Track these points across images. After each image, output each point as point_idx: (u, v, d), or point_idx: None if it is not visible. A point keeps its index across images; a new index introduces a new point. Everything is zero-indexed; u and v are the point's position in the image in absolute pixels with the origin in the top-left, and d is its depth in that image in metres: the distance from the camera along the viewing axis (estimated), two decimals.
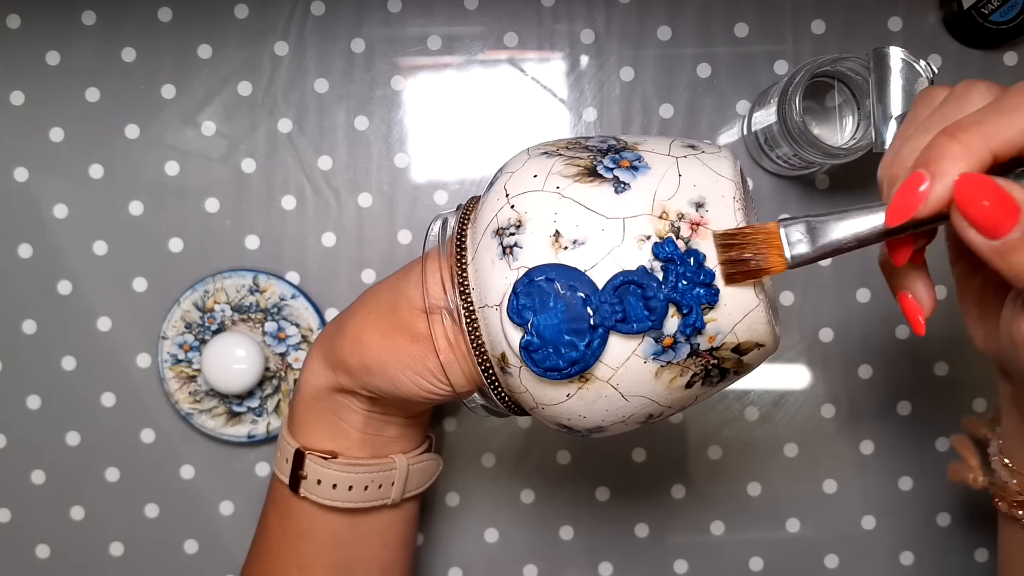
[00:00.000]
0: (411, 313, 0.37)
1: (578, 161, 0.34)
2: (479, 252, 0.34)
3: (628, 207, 0.32)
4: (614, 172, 0.33)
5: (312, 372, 0.41)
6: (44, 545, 0.55)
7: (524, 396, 0.35)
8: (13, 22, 0.53)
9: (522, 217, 0.33)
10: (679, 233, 0.31)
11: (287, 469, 0.41)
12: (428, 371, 0.37)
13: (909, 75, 0.44)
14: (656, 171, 0.33)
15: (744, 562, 0.54)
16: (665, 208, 0.32)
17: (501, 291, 0.33)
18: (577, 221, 0.32)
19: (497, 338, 0.33)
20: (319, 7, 0.53)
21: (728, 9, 0.53)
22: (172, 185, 0.54)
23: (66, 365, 0.54)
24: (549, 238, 0.32)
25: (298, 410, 0.42)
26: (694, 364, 0.33)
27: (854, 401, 0.54)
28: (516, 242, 0.32)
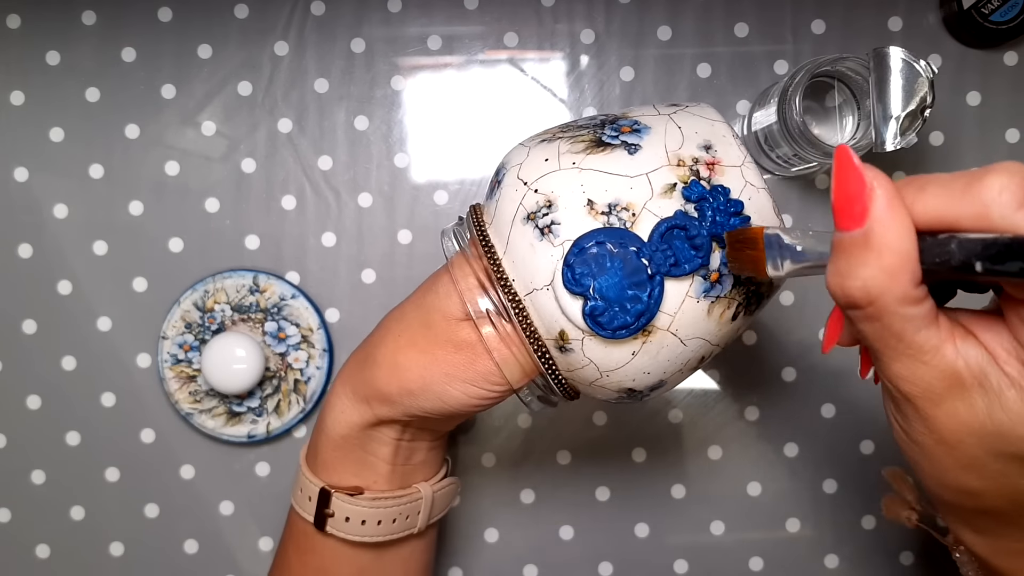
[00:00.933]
0: (448, 324, 0.36)
1: (581, 137, 0.35)
2: (512, 242, 0.34)
3: (646, 163, 0.33)
4: (620, 138, 0.34)
5: (341, 411, 0.39)
6: (44, 545, 0.55)
7: (585, 370, 0.35)
8: (13, 22, 0.53)
9: (550, 197, 0.34)
10: (699, 175, 0.33)
11: (311, 507, 0.40)
12: (479, 376, 0.36)
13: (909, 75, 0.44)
14: (657, 129, 0.34)
15: (744, 562, 0.54)
16: (680, 156, 0.34)
17: (549, 270, 0.33)
18: (605, 186, 0.33)
19: (552, 317, 0.34)
20: (319, 7, 0.53)
21: (728, 9, 0.53)
22: (172, 185, 0.54)
23: (66, 365, 0.54)
24: (584, 208, 0.33)
25: (322, 448, 0.40)
26: (738, 294, 0.34)
27: (854, 401, 0.54)
28: (552, 220, 0.33)
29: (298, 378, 0.53)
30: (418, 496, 0.41)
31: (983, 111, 0.53)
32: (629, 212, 0.33)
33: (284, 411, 0.53)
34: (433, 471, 0.43)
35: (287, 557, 0.43)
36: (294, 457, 0.54)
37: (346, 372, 0.40)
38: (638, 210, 0.33)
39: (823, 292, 0.54)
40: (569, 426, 0.54)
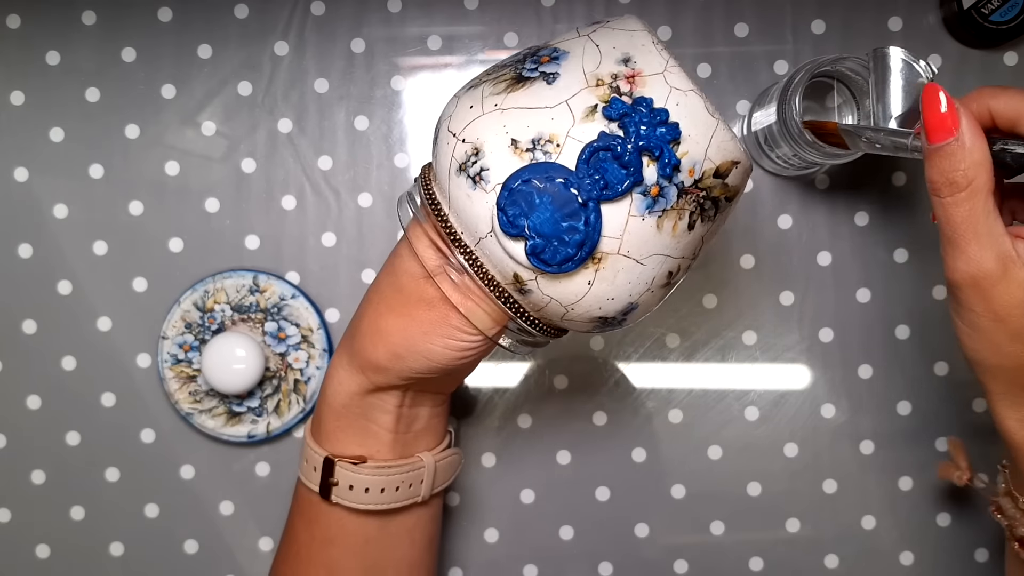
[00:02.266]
0: (416, 284, 0.37)
1: (502, 77, 0.35)
2: (451, 195, 0.35)
3: (565, 90, 0.33)
4: (539, 70, 0.34)
5: (339, 382, 0.40)
6: (44, 545, 0.55)
7: (551, 307, 0.35)
8: (13, 22, 0.53)
9: (476, 144, 0.34)
10: (620, 91, 0.33)
11: (316, 477, 0.41)
12: (453, 328, 0.37)
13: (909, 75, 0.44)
14: (575, 52, 0.34)
15: (744, 562, 0.54)
16: (598, 76, 0.33)
17: (487, 216, 0.33)
18: (527, 122, 0.33)
19: (503, 262, 0.34)
20: (319, 7, 0.53)
21: (728, 9, 0.53)
22: (172, 185, 0.54)
23: (66, 365, 0.54)
24: (508, 149, 0.33)
25: (325, 419, 0.41)
26: (687, 203, 0.34)
27: (854, 401, 0.54)
28: (480, 167, 0.33)
29: (298, 378, 0.53)
30: (420, 465, 0.42)
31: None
32: (553, 144, 0.33)
33: (284, 411, 0.53)
34: (436, 441, 0.43)
35: (294, 528, 0.43)
36: (294, 457, 0.54)
37: (341, 346, 0.41)
38: (562, 140, 0.33)
39: (823, 292, 0.54)
40: (569, 426, 0.54)
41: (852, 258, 0.53)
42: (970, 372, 0.38)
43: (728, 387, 0.54)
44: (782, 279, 0.54)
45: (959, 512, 0.54)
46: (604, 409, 0.54)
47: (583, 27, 0.36)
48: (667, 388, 0.54)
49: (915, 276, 0.53)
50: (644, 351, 0.54)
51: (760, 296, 0.54)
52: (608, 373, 0.54)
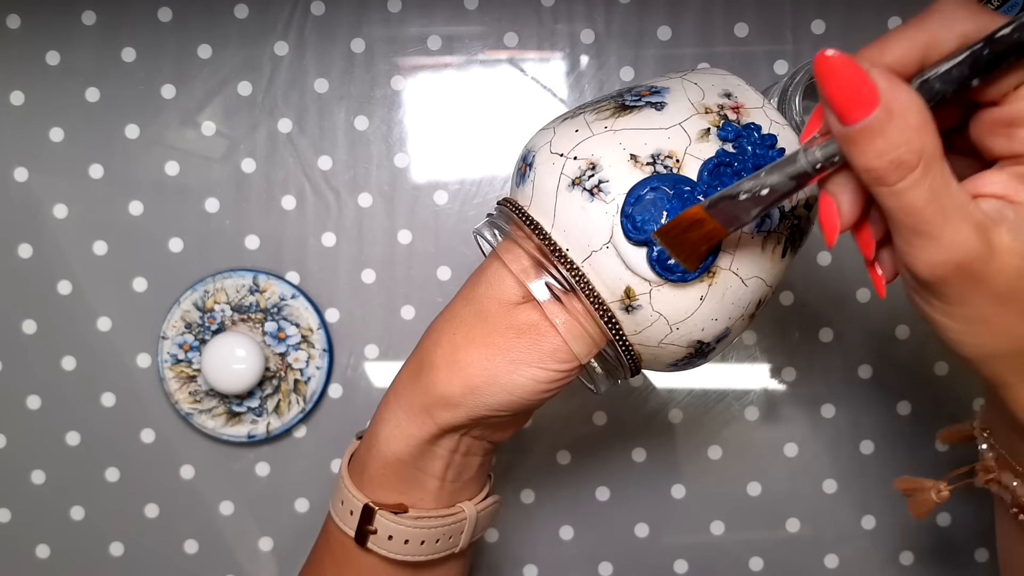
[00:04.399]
0: (505, 311, 0.35)
1: (604, 107, 0.36)
2: (560, 212, 0.34)
3: (676, 115, 0.34)
4: (643, 100, 0.35)
5: (396, 426, 0.37)
6: (44, 545, 0.55)
7: (654, 327, 0.34)
8: (13, 22, 0.53)
9: (591, 160, 0.34)
10: (728, 118, 0.34)
11: (353, 522, 0.38)
12: (546, 355, 0.34)
13: None
14: (675, 88, 0.35)
15: (744, 562, 0.54)
16: (705, 105, 0.35)
17: (607, 227, 0.33)
18: (643, 140, 0.34)
19: (615, 276, 0.34)
20: (319, 7, 0.53)
21: (728, 9, 0.53)
22: (172, 185, 0.54)
23: (66, 365, 0.54)
24: (628, 162, 0.33)
25: (371, 465, 0.39)
26: (785, 228, 0.35)
27: (854, 401, 0.54)
28: (599, 179, 0.34)
29: (298, 378, 0.53)
30: (462, 517, 0.39)
31: None
32: (672, 159, 0.33)
33: (284, 411, 0.53)
34: (477, 490, 0.41)
35: (322, 567, 0.41)
36: (294, 457, 0.54)
37: (399, 385, 0.38)
38: (681, 156, 0.33)
39: (823, 292, 0.54)
40: (569, 426, 0.54)
41: (852, 258, 0.54)
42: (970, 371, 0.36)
43: (728, 387, 0.54)
44: (782, 279, 0.54)
45: (959, 512, 0.54)
46: (604, 409, 0.54)
47: (670, 73, 0.38)
48: (667, 388, 0.54)
49: None
50: None
51: None
52: None
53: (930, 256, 0.27)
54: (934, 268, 0.27)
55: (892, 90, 0.25)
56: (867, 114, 0.25)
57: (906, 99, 0.25)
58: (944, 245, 0.26)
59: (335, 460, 0.54)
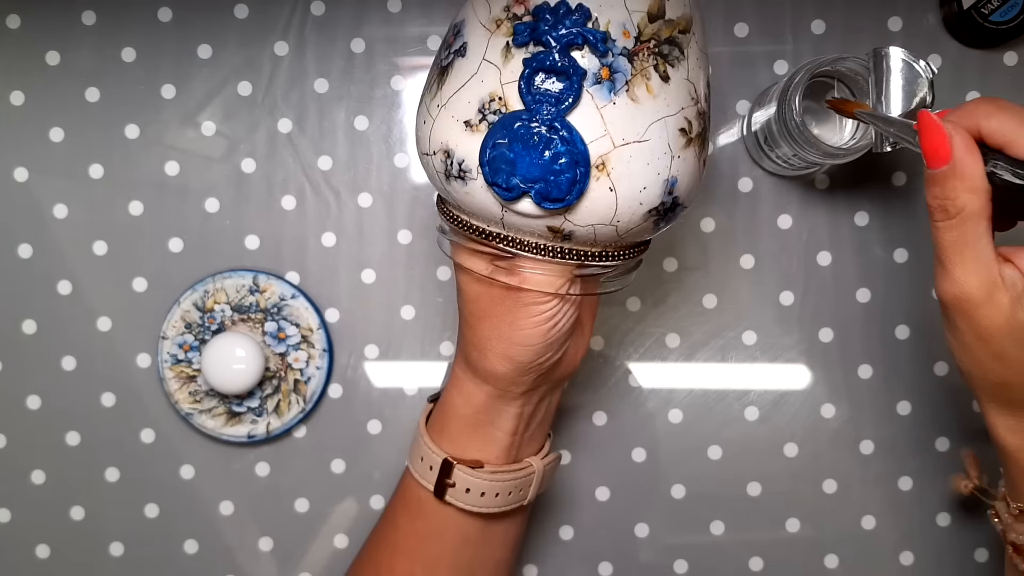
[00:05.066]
0: (483, 290, 0.39)
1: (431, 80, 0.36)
2: (459, 202, 0.36)
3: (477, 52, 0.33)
4: (451, 51, 0.35)
5: (469, 394, 0.42)
6: (44, 545, 0.55)
7: (601, 233, 0.35)
8: (13, 22, 0.53)
9: (443, 148, 0.35)
10: (519, 16, 0.33)
11: (432, 476, 0.42)
12: (530, 305, 0.38)
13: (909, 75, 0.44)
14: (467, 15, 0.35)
15: (744, 562, 0.54)
16: (494, 19, 0.33)
17: (492, 198, 0.34)
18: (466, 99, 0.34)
19: (530, 225, 0.35)
20: (319, 7, 0.53)
21: (728, 9, 0.53)
22: (172, 185, 0.54)
23: (66, 365, 0.54)
24: (465, 132, 0.34)
25: (450, 423, 0.43)
26: (643, 61, 0.33)
27: (854, 401, 0.54)
28: (458, 164, 0.34)
29: (298, 378, 0.53)
30: (531, 471, 0.43)
31: None
32: (496, 100, 0.33)
33: (284, 411, 0.53)
34: (540, 445, 0.45)
35: (396, 520, 0.45)
36: (294, 457, 0.54)
37: (459, 360, 0.43)
38: (500, 92, 0.33)
39: (823, 292, 0.54)
40: (569, 426, 0.54)
41: (852, 258, 0.53)
42: None
43: (728, 387, 0.54)
44: (782, 279, 0.54)
45: (959, 512, 0.54)
46: (604, 409, 0.54)
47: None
48: (667, 388, 0.54)
49: (915, 276, 0.53)
50: (644, 351, 0.54)
51: (760, 296, 0.54)
52: (608, 373, 0.54)
53: (942, 283, 0.35)
54: (941, 293, 0.36)
55: (963, 158, 0.33)
56: (939, 166, 0.34)
57: (970, 170, 0.33)
58: (951, 279, 0.35)
59: (335, 460, 0.54)
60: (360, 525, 0.54)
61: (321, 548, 0.55)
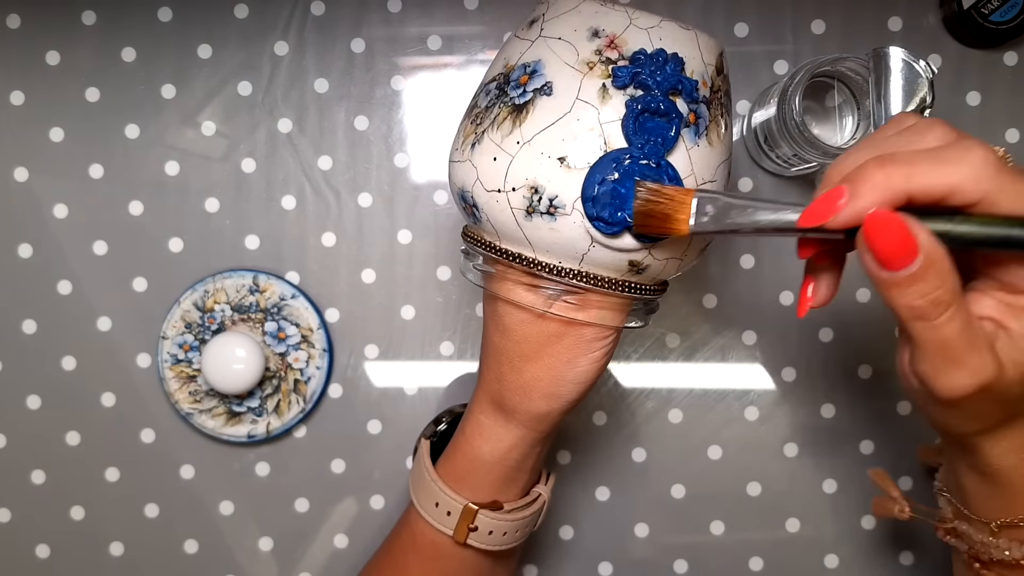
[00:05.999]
0: (535, 327, 0.38)
1: (499, 117, 0.35)
2: (532, 239, 0.35)
3: (568, 91, 0.34)
4: (528, 89, 0.35)
5: (498, 439, 0.41)
6: (44, 545, 0.55)
7: (668, 265, 0.36)
8: (13, 22, 0.53)
9: (530, 184, 0.34)
10: (612, 60, 0.34)
11: (451, 522, 0.41)
12: (591, 340, 0.38)
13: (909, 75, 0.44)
14: (548, 59, 0.35)
15: (744, 562, 0.54)
16: (585, 61, 0.34)
17: (583, 234, 0.34)
18: (560, 136, 0.34)
19: (614, 260, 0.35)
20: (319, 7, 0.53)
21: (728, 9, 0.53)
22: (172, 185, 0.54)
23: (66, 365, 0.54)
24: (561, 169, 0.34)
25: (473, 471, 0.41)
26: (716, 110, 0.36)
27: (854, 401, 0.54)
28: (548, 199, 0.34)
29: (298, 378, 0.53)
30: (542, 501, 0.43)
31: (983, 111, 0.53)
32: (588, 139, 0.34)
33: (284, 411, 0.53)
34: (540, 471, 0.45)
35: (406, 565, 0.43)
36: (294, 457, 0.54)
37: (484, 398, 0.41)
38: (600, 130, 0.33)
39: None
40: (569, 426, 0.54)
41: (852, 258, 0.53)
42: None
43: (728, 387, 0.54)
44: (782, 279, 0.54)
45: None
46: (604, 409, 0.54)
47: (521, 32, 0.37)
48: (667, 388, 0.54)
49: None
50: (644, 351, 0.54)
51: (760, 296, 0.54)
52: (608, 373, 0.54)
53: (957, 381, 0.30)
54: (960, 391, 0.30)
55: (931, 243, 0.28)
56: (910, 263, 0.28)
57: (941, 250, 0.29)
58: (971, 370, 0.30)
59: (335, 460, 0.54)
60: (360, 525, 0.54)
61: (321, 548, 0.55)
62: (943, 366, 0.30)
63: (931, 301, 0.29)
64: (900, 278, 0.29)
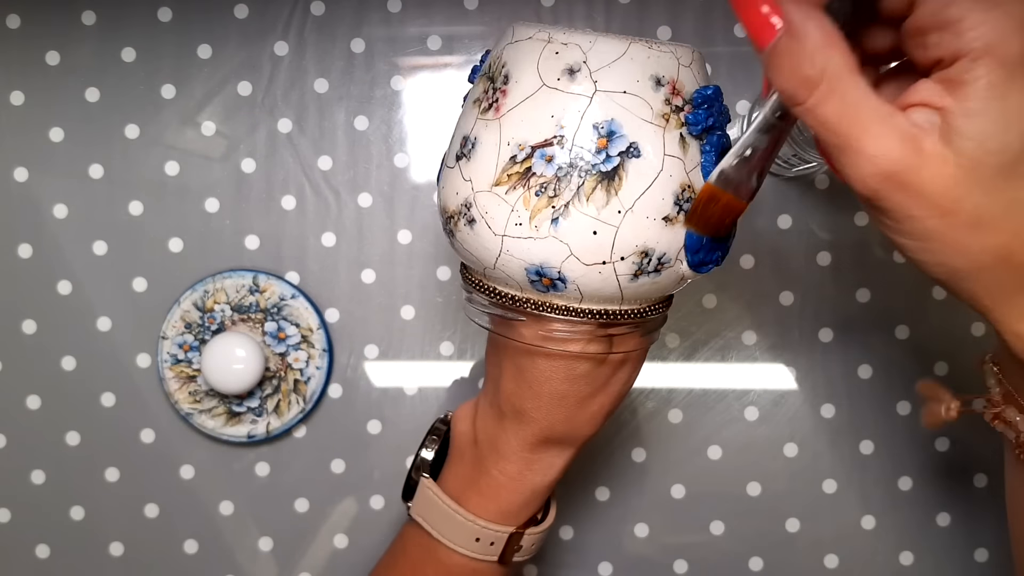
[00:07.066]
0: (596, 371, 0.39)
1: (586, 187, 0.33)
2: (627, 294, 0.36)
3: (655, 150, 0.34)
4: (611, 154, 0.33)
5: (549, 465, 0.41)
6: (44, 545, 0.55)
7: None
8: (13, 22, 0.53)
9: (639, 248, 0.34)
10: (680, 107, 0.34)
11: (495, 551, 0.42)
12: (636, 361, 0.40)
13: None
14: (625, 120, 0.33)
15: (744, 562, 0.54)
16: (660, 113, 0.34)
17: (678, 279, 0.36)
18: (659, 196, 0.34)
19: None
20: (319, 7, 0.53)
21: (728, 9, 0.53)
22: (172, 185, 0.54)
23: (66, 365, 0.54)
24: (666, 227, 0.34)
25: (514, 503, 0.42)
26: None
27: (854, 401, 0.54)
28: (657, 259, 0.35)
29: (298, 378, 0.53)
30: (554, 510, 0.45)
31: None
32: (688, 190, 0.34)
33: (284, 411, 0.53)
34: None
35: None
36: (294, 457, 0.54)
37: (532, 439, 0.41)
38: (688, 181, 0.34)
39: (823, 292, 0.54)
40: None
41: (852, 258, 0.53)
42: (969, 371, 0.35)
43: (728, 387, 0.54)
44: (782, 279, 0.54)
45: (959, 512, 0.54)
46: None
47: (559, 83, 0.33)
48: (667, 388, 0.54)
49: (915, 275, 0.53)
50: None
51: (760, 296, 0.54)
52: None
53: (859, 170, 0.27)
54: (866, 181, 0.27)
55: (794, 12, 0.26)
56: (772, 36, 0.26)
57: (806, 21, 0.26)
58: (868, 156, 0.26)
59: (335, 460, 0.54)
60: (360, 525, 0.54)
61: (321, 548, 0.55)
62: (839, 157, 0.27)
63: (799, 80, 0.26)
64: (765, 55, 0.27)
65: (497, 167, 0.34)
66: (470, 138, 0.35)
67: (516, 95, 0.34)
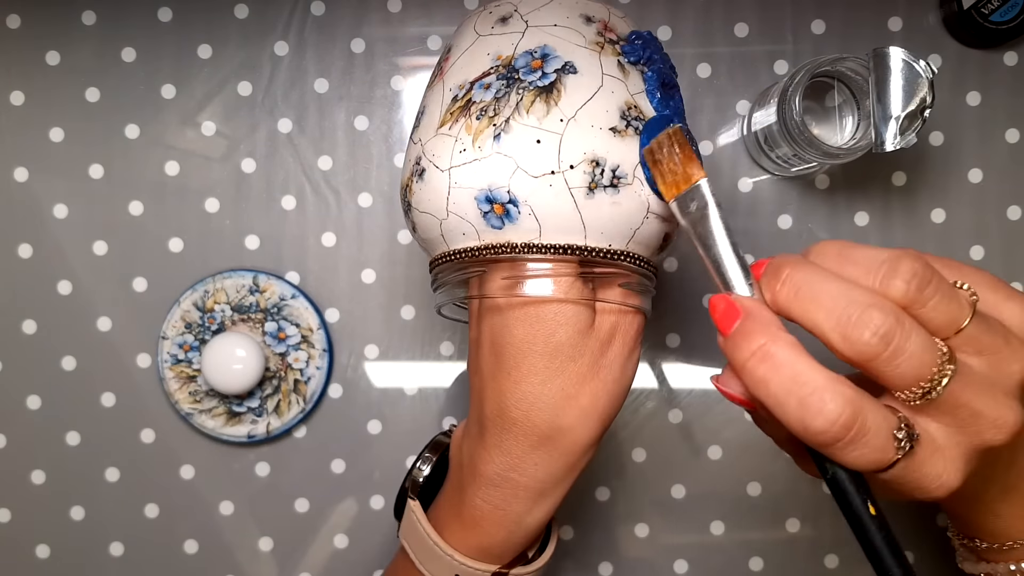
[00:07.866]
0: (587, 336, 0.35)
1: (518, 100, 0.34)
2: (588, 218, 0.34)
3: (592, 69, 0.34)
4: (547, 71, 0.34)
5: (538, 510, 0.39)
6: (44, 545, 0.55)
7: None
8: (13, 22, 0.53)
9: (588, 157, 0.33)
10: (613, 40, 0.35)
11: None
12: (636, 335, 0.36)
13: (909, 75, 0.44)
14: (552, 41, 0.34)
15: (744, 562, 0.54)
16: (595, 42, 0.35)
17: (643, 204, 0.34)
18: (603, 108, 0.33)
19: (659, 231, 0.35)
20: (319, 7, 0.53)
21: (728, 9, 0.53)
22: (172, 185, 0.54)
23: (66, 365, 0.54)
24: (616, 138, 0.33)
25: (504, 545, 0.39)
26: None
27: None
28: (611, 170, 0.33)
29: (298, 378, 0.53)
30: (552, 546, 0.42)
31: (983, 111, 0.53)
32: (633, 108, 0.34)
33: (284, 411, 0.53)
34: None
35: None
36: (294, 457, 0.54)
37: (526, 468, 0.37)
38: (632, 101, 0.34)
39: None
40: None
41: None
42: None
43: None
44: None
45: None
46: None
47: (494, 28, 0.35)
48: (667, 388, 0.54)
49: None
50: (644, 351, 0.54)
51: None
52: None
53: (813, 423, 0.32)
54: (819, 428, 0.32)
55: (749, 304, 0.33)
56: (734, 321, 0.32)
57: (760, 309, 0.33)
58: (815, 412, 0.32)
59: (335, 460, 0.54)
60: (360, 525, 0.54)
61: (321, 548, 0.55)
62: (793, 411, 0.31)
63: (757, 353, 0.31)
64: (725, 345, 0.31)
65: (441, 112, 0.35)
66: (420, 109, 0.38)
67: (455, 53, 0.36)
